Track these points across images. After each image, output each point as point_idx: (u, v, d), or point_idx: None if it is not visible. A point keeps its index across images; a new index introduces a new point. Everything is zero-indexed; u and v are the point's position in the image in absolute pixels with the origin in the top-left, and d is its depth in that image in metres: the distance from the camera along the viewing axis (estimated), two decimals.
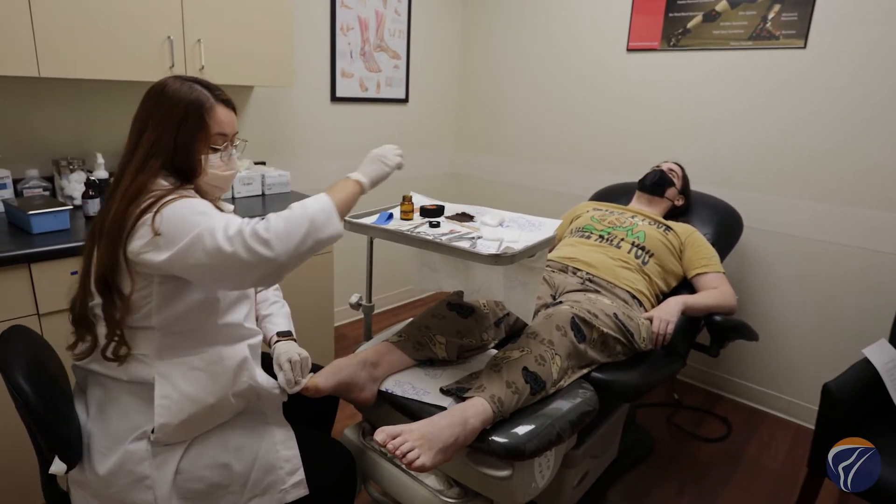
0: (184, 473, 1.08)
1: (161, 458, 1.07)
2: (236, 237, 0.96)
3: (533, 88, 3.11)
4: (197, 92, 1.09)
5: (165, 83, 1.09)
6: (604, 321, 1.54)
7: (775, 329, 2.43)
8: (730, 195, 2.35)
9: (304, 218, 1.01)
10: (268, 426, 1.19)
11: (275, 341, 1.31)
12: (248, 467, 1.13)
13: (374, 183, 1.21)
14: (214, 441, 1.12)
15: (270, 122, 2.60)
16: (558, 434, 1.27)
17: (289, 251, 0.98)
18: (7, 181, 1.86)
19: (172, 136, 1.06)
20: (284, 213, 1.01)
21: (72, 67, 1.72)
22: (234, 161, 1.19)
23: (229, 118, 1.14)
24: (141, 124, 1.08)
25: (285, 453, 1.17)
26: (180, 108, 1.06)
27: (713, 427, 2.36)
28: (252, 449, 1.14)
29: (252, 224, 0.98)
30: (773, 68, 2.28)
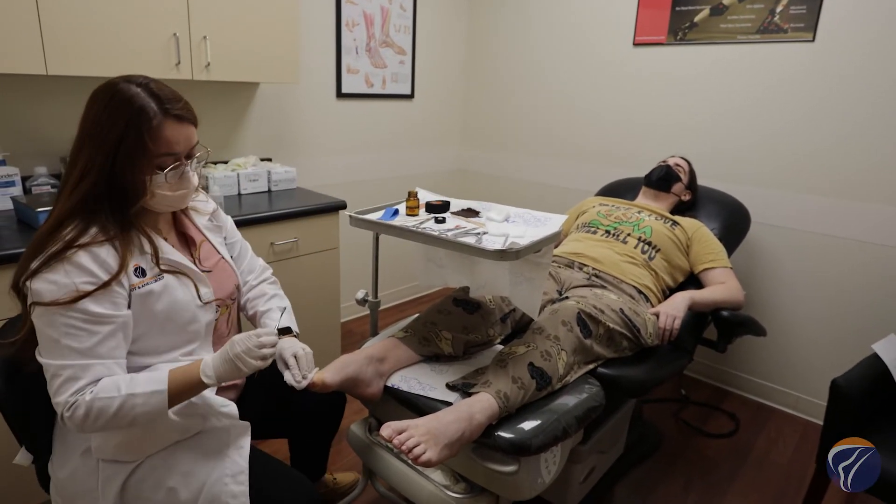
0: (130, 492, 1.06)
1: (107, 474, 1.06)
2: (55, 405, 0.97)
3: (539, 83, 3.09)
4: (141, 106, 0.97)
5: (111, 91, 0.99)
6: (610, 316, 1.53)
7: (783, 324, 2.42)
8: (737, 190, 2.33)
9: (125, 418, 0.97)
10: (224, 455, 1.10)
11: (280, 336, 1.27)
12: (194, 495, 1.06)
13: (224, 382, 1.05)
14: (163, 463, 1.07)
15: (276, 118, 2.61)
16: (564, 429, 1.27)
17: (91, 433, 1.02)
18: (16, 178, 1.87)
19: (108, 158, 0.97)
20: (114, 406, 0.95)
21: (79, 65, 1.73)
22: (186, 179, 1.07)
23: (181, 135, 1.02)
24: (80, 139, 1.00)
25: (234, 488, 1.07)
26: (119, 125, 0.97)
27: (721, 423, 2.35)
28: (200, 477, 1.07)
29: (72, 407, 0.95)
30: (781, 62, 2.26)
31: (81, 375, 0.95)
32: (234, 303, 1.30)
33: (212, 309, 1.16)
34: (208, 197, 1.33)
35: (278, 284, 1.44)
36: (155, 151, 1.00)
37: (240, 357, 1.01)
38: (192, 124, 1.06)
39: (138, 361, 1.07)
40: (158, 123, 0.98)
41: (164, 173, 1.03)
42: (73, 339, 0.95)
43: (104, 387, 0.96)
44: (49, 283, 0.94)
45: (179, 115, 1.02)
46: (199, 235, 1.24)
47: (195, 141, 1.07)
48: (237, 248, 1.38)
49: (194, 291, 1.12)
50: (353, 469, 1.91)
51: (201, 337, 1.15)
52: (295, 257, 2.17)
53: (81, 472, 1.07)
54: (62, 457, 1.11)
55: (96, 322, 0.97)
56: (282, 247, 2.11)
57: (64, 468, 1.10)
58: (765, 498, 1.91)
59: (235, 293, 1.29)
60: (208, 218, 1.29)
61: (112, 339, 0.99)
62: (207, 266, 1.21)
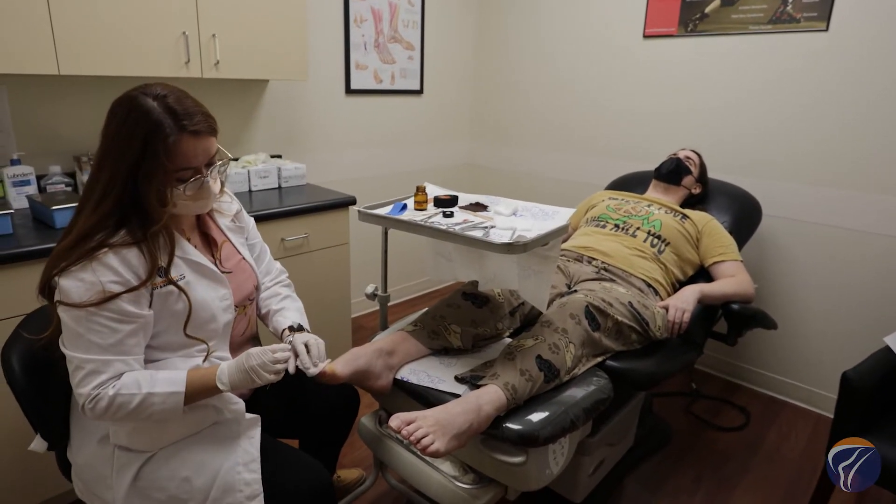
0: (143, 481, 1.08)
1: (122, 462, 1.09)
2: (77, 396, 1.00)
3: (549, 77, 3.08)
4: (158, 122, 0.98)
5: (129, 106, 0.99)
6: (618, 309, 1.53)
7: (794, 317, 2.40)
8: (748, 182, 2.32)
9: (143, 413, 1.02)
10: (235, 444, 1.13)
11: (286, 336, 1.26)
12: (208, 484, 1.08)
13: (238, 390, 1.09)
14: (178, 453, 1.10)
15: (286, 115, 2.63)
16: (572, 421, 1.27)
17: (107, 421, 1.05)
18: (31, 177, 1.90)
19: (128, 176, 0.99)
20: (134, 402, 1.00)
21: (90, 65, 1.75)
22: (206, 189, 1.09)
23: (199, 149, 1.03)
24: (100, 156, 1.01)
25: (246, 476, 1.10)
26: (137, 143, 0.98)
27: (731, 416, 2.34)
28: (213, 466, 1.09)
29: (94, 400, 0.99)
30: (793, 52, 2.23)
31: (103, 370, 0.99)
32: (252, 303, 1.32)
33: (230, 310, 1.19)
34: (233, 197, 1.35)
35: (292, 288, 1.45)
36: (172, 168, 1.01)
37: (254, 370, 1.06)
38: (211, 135, 1.06)
39: (156, 355, 1.10)
40: (175, 140, 0.99)
41: (182, 186, 1.04)
42: (96, 335, 0.99)
43: (126, 383, 1.00)
44: (77, 280, 0.97)
45: (196, 131, 1.01)
46: (221, 236, 1.27)
47: (214, 151, 1.08)
48: (257, 250, 1.40)
49: (215, 293, 1.15)
50: (359, 465, 1.93)
51: (219, 335, 1.17)
52: (305, 253, 2.19)
53: (98, 459, 1.11)
54: (80, 444, 1.15)
55: (120, 321, 1.01)
56: (292, 242, 2.13)
57: (81, 454, 1.14)
58: (775, 492, 1.90)
59: (254, 293, 1.32)
60: (231, 219, 1.32)
61: (133, 337, 1.03)
62: (228, 266, 1.23)
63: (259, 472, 1.11)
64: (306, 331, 1.29)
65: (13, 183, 1.87)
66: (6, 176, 1.86)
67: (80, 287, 0.97)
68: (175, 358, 1.12)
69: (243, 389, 1.10)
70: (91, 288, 0.97)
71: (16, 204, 1.88)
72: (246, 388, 1.10)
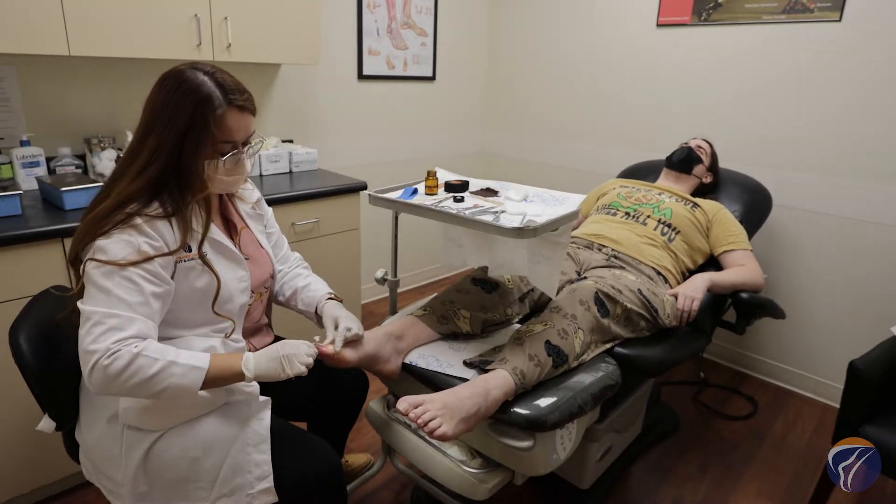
0: (153, 461, 1.07)
1: (131, 441, 1.08)
2: (89, 354, 0.94)
3: (562, 65, 3.06)
4: (209, 94, 1.02)
5: (180, 78, 1.03)
6: (628, 297, 1.53)
7: (803, 308, 2.39)
8: (759, 172, 2.29)
9: (157, 385, 0.97)
10: (246, 425, 1.12)
11: (326, 299, 1.34)
12: (217, 464, 1.08)
13: (261, 380, 1.09)
14: (187, 433, 1.09)
15: (298, 99, 2.62)
16: (580, 406, 1.28)
17: (111, 393, 0.99)
18: (40, 159, 1.90)
19: (175, 145, 1.02)
20: (154, 368, 0.96)
21: (101, 46, 1.74)
22: (241, 165, 1.13)
23: (241, 124, 1.08)
24: (147, 123, 1.04)
25: (256, 457, 1.10)
26: (187, 113, 1.01)
27: (739, 405, 2.34)
28: (223, 447, 1.09)
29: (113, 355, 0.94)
30: (807, 42, 2.20)
31: (126, 327, 0.97)
32: (267, 291, 1.34)
33: (247, 292, 1.20)
34: (254, 186, 1.37)
35: (310, 270, 1.48)
36: (218, 138, 1.05)
37: (288, 358, 1.08)
38: (252, 114, 1.10)
39: (171, 332, 1.10)
40: (223, 112, 1.03)
41: (222, 159, 1.08)
42: (125, 290, 0.98)
43: (151, 347, 0.98)
44: (114, 241, 0.99)
45: (242, 106, 1.06)
46: (241, 223, 1.29)
47: (252, 129, 1.12)
48: (274, 238, 1.41)
49: (233, 273, 1.16)
50: (367, 451, 1.95)
51: (234, 316, 1.18)
52: (316, 238, 2.19)
53: (107, 438, 1.10)
54: (89, 422, 1.14)
55: (151, 281, 1.01)
56: (303, 227, 2.14)
57: (91, 433, 1.13)
58: (781, 481, 1.91)
59: (270, 282, 1.33)
60: (251, 206, 1.34)
61: (157, 302, 1.02)
62: (246, 252, 1.25)
63: (269, 454, 1.11)
64: (341, 303, 1.36)
65: (22, 164, 1.87)
66: (15, 157, 1.85)
67: (118, 244, 0.99)
68: (191, 336, 1.12)
69: (268, 380, 1.08)
70: (128, 246, 0.99)
71: (25, 185, 1.87)
72: (270, 379, 1.08)
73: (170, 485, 1.08)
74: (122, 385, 0.95)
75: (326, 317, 1.30)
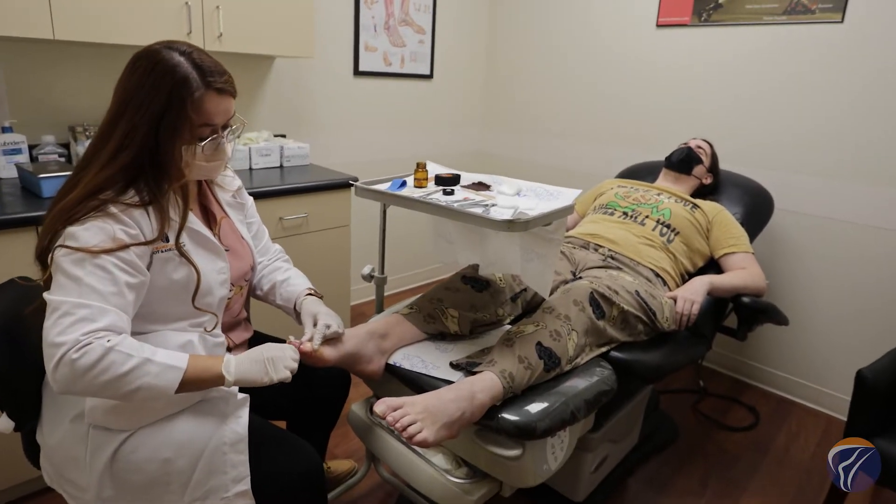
0: (120, 462, 1.00)
1: (97, 442, 1.00)
2: (55, 347, 0.86)
3: (561, 65, 3.00)
4: (185, 76, 0.96)
5: (155, 59, 0.96)
6: (625, 298, 1.46)
7: (806, 315, 2.31)
8: (760, 175, 2.23)
9: (129, 385, 0.89)
10: (222, 424, 1.05)
11: (305, 295, 1.28)
12: (190, 466, 1.02)
13: (242, 384, 1.02)
14: (159, 433, 1.02)
15: (292, 94, 2.57)
16: (572, 413, 1.20)
17: (76, 392, 0.90)
18: (22, 146, 1.86)
19: (150, 129, 0.96)
20: (128, 365, 0.89)
21: (87, 31, 1.69)
22: (221, 150, 1.07)
23: (221, 107, 1.02)
24: (119, 106, 0.97)
25: (233, 457, 1.04)
26: (162, 96, 0.95)
27: (740, 416, 2.26)
28: (197, 447, 1.02)
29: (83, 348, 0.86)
30: (808, 43, 2.15)
31: (98, 318, 0.89)
32: (247, 284, 1.28)
33: (227, 284, 1.14)
34: (234, 174, 1.32)
35: (291, 263, 1.42)
36: (196, 122, 0.99)
37: (273, 361, 1.02)
38: (232, 96, 1.05)
39: (145, 327, 1.04)
40: (201, 95, 0.97)
41: (201, 144, 1.02)
42: (97, 279, 0.91)
43: (126, 342, 0.91)
44: (87, 227, 0.92)
45: (221, 88, 1.01)
46: (221, 212, 1.24)
47: (233, 113, 1.07)
48: (254, 229, 1.36)
49: (213, 265, 1.11)
50: (352, 457, 1.88)
51: (214, 309, 1.12)
52: (304, 234, 2.13)
53: (70, 439, 1.03)
54: (52, 422, 1.06)
55: (125, 270, 0.94)
56: (291, 222, 2.08)
57: (53, 434, 1.05)
58: (785, 495, 1.83)
59: (250, 274, 1.28)
60: (232, 195, 1.28)
61: (131, 294, 0.95)
62: (226, 243, 1.20)
63: (246, 454, 1.05)
64: (321, 299, 1.29)
65: (3, 151, 1.83)
66: None
67: (91, 230, 0.92)
68: (167, 331, 1.06)
69: (249, 384, 1.01)
70: (102, 233, 0.93)
71: (4, 173, 1.84)
72: (252, 384, 1.01)
73: (138, 488, 1.01)
74: (91, 382, 0.88)
75: (305, 313, 1.25)
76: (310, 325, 1.21)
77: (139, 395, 0.91)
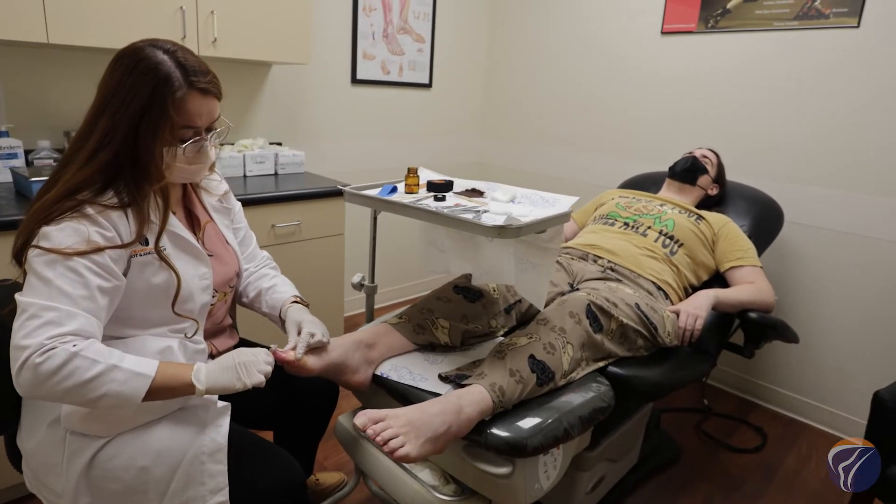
0: (97, 469, 0.97)
1: (74, 448, 0.97)
2: (20, 350, 0.84)
3: (563, 74, 2.97)
4: (167, 74, 0.94)
5: (137, 57, 0.95)
6: (624, 311, 1.40)
7: (818, 332, 2.23)
8: (770, 186, 2.17)
9: (93, 392, 0.86)
10: (201, 432, 1.02)
11: (290, 302, 1.25)
12: (168, 475, 0.98)
13: (214, 392, 0.98)
14: (136, 440, 0.98)
15: (288, 102, 2.54)
16: (566, 430, 1.14)
17: (40, 396, 0.87)
18: (18, 151, 1.85)
19: (130, 129, 0.94)
20: (92, 371, 0.85)
21: (80, 35, 1.68)
22: (204, 153, 1.04)
23: (204, 109, 0.99)
24: (99, 104, 0.96)
25: (211, 467, 1.00)
26: (143, 95, 0.93)
27: (746, 437, 2.18)
28: (175, 456, 0.99)
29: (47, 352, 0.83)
30: (821, 50, 2.09)
31: (65, 322, 0.86)
32: (232, 290, 1.25)
33: (209, 290, 1.11)
34: (221, 177, 1.29)
35: (279, 270, 1.39)
36: (178, 123, 0.97)
37: (245, 366, 0.99)
38: (217, 98, 1.02)
39: (124, 332, 1.01)
40: (183, 95, 0.95)
41: (182, 146, 0.99)
42: (67, 282, 0.88)
43: (92, 348, 0.87)
44: (61, 227, 0.90)
45: (204, 89, 0.98)
46: (206, 216, 1.21)
47: (217, 115, 1.04)
48: (241, 235, 1.32)
49: (195, 270, 1.08)
50: (342, 469, 1.81)
51: (195, 316, 1.08)
52: (297, 241, 2.09)
53: (47, 444, 1.00)
54: (30, 427, 1.04)
55: (97, 273, 0.91)
56: (283, 230, 2.04)
57: (31, 439, 1.03)
58: None
59: (235, 280, 1.24)
60: (218, 199, 1.25)
61: (103, 298, 0.92)
62: (210, 249, 1.17)
63: (225, 464, 1.01)
64: (307, 307, 1.26)
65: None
66: None
67: (65, 231, 0.90)
68: (146, 336, 1.02)
69: (221, 392, 0.97)
70: (76, 234, 0.90)
71: (0, 177, 1.82)
72: (224, 392, 0.97)
73: (115, 496, 0.98)
74: (54, 388, 0.85)
75: (289, 321, 1.21)
76: (294, 334, 1.17)
77: (104, 402, 0.88)
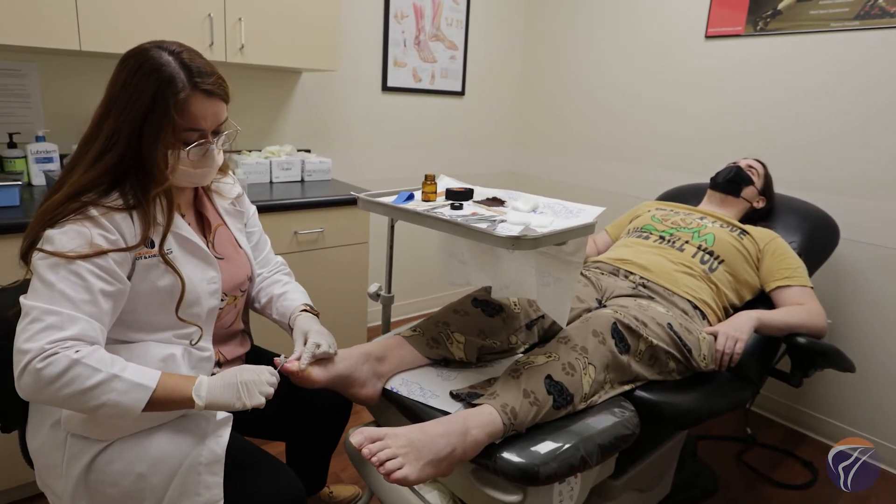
0: (96, 474, 0.96)
1: (74, 450, 0.97)
2: (21, 354, 0.84)
3: (601, 81, 2.87)
4: (171, 76, 0.93)
5: (142, 57, 0.95)
6: (654, 331, 1.30)
7: (875, 360, 2.05)
8: (824, 200, 2.01)
9: (93, 400, 0.85)
10: (201, 442, 1.00)
11: (299, 311, 1.22)
12: (164, 483, 0.97)
13: (214, 408, 0.96)
14: (136, 446, 0.97)
15: (318, 109, 2.54)
16: (583, 458, 1.05)
17: (41, 401, 0.87)
18: (54, 155, 1.91)
19: (134, 131, 0.93)
20: (93, 380, 0.85)
21: (112, 42, 1.72)
22: (209, 157, 1.03)
23: (209, 111, 0.98)
24: (105, 106, 0.96)
25: (207, 479, 0.98)
26: (147, 95, 0.92)
27: (794, 471, 2.00)
28: (172, 464, 0.98)
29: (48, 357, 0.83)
30: (885, 52, 1.93)
31: (67, 327, 0.86)
32: (243, 295, 1.23)
33: (217, 295, 1.09)
34: (235, 180, 1.27)
35: (293, 277, 1.36)
36: (181, 125, 0.96)
37: (246, 385, 0.96)
38: (223, 100, 1.01)
39: (128, 335, 1.00)
40: (186, 97, 0.95)
41: (186, 149, 0.98)
42: (70, 286, 0.88)
43: (95, 355, 0.87)
44: (65, 231, 0.90)
45: (209, 91, 0.97)
46: (217, 219, 1.19)
47: (224, 118, 1.03)
48: (254, 239, 1.31)
49: (203, 274, 1.06)
50: (358, 482, 1.75)
51: (202, 321, 1.06)
52: (320, 249, 2.06)
53: (49, 445, 1.01)
54: (35, 426, 1.05)
55: (100, 277, 0.91)
56: (306, 237, 2.01)
57: (36, 439, 1.04)
58: None
59: (247, 284, 1.22)
60: (230, 202, 1.23)
61: (106, 302, 0.92)
62: (221, 252, 1.15)
63: (221, 476, 0.99)
64: (317, 316, 1.23)
65: (36, 159, 1.89)
66: (30, 152, 1.88)
67: (68, 234, 0.90)
68: (150, 342, 1.01)
69: (221, 409, 0.96)
70: (79, 237, 0.90)
71: (37, 180, 1.89)
72: (224, 409, 0.96)
73: (112, 502, 0.97)
74: (55, 394, 0.84)
75: (297, 330, 1.18)
76: (300, 343, 1.14)
77: (103, 411, 0.87)
